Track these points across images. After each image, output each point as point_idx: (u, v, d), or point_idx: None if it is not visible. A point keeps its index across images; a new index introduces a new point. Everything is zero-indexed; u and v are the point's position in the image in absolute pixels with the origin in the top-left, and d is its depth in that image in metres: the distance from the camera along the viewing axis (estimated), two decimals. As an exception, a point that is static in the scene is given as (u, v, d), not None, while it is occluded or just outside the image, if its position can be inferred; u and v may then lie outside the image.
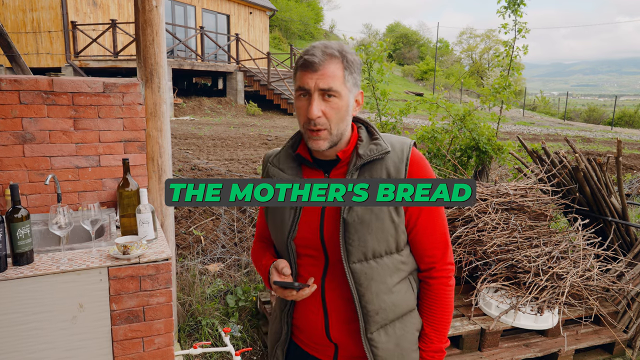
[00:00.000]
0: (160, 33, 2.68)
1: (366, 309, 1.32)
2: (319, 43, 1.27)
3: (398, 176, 1.30)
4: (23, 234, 1.84)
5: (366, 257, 1.30)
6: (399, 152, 1.32)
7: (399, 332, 1.37)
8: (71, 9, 13.89)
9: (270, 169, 1.42)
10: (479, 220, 3.22)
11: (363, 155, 1.31)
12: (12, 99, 2.41)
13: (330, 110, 1.24)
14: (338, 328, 1.38)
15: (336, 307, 1.37)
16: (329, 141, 1.28)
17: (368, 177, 1.30)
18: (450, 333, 2.82)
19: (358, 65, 1.30)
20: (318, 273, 1.37)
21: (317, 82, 1.22)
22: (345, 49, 1.27)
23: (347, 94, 1.26)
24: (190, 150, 8.93)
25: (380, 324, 1.34)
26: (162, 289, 2.03)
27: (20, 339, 1.84)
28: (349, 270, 1.30)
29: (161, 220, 2.88)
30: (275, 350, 1.53)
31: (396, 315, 1.36)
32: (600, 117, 31.62)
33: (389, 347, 1.35)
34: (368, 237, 1.28)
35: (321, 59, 1.22)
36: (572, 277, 3.03)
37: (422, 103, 4.13)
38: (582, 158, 3.51)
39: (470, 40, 55.36)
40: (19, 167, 2.48)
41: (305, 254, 1.38)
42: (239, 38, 18.15)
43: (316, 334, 1.41)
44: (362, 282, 1.31)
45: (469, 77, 44.71)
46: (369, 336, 1.33)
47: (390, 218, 1.29)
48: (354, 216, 1.28)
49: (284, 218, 1.37)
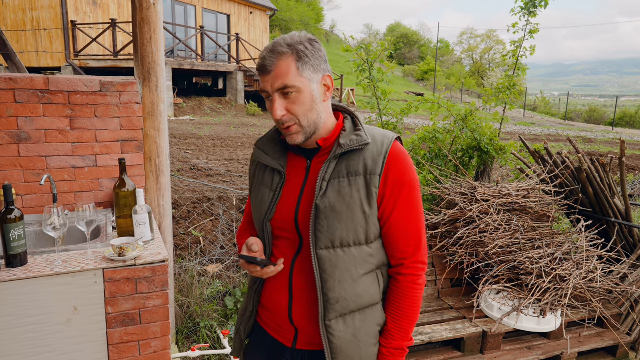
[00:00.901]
0: (158, 31, 2.64)
1: (327, 296, 1.32)
2: (270, 43, 1.29)
3: (375, 169, 1.30)
4: (16, 236, 1.80)
5: (333, 245, 1.31)
6: (379, 145, 1.33)
7: (358, 324, 1.36)
8: (71, 8, 13.87)
9: (255, 151, 1.48)
10: (480, 221, 3.18)
11: (343, 145, 1.32)
12: (7, 98, 2.37)
13: (293, 106, 1.27)
14: (300, 312, 1.39)
15: (301, 291, 1.38)
16: (302, 134, 1.31)
17: (345, 166, 1.32)
18: (452, 335, 2.78)
19: (315, 52, 1.29)
20: (290, 255, 1.39)
21: (272, 84, 1.26)
22: (296, 40, 1.28)
23: (306, 85, 1.27)
24: (190, 150, 8.89)
25: (340, 313, 1.34)
26: (159, 291, 1.99)
27: (15, 342, 1.80)
28: (315, 256, 1.32)
29: (159, 221, 2.84)
30: (239, 327, 1.57)
31: (357, 306, 1.36)
32: (601, 117, 31.61)
33: (345, 337, 1.35)
34: (337, 225, 1.30)
35: (270, 60, 1.25)
36: (575, 279, 2.99)
37: (424, 103, 4.09)
38: (585, 158, 3.47)
39: (470, 40, 55.39)
40: (14, 167, 2.45)
41: (281, 236, 1.40)
42: (239, 38, 18.12)
43: (279, 315, 1.43)
44: (326, 269, 1.31)
45: (470, 78, 44.69)
46: (327, 323, 1.34)
47: (362, 209, 1.30)
48: (326, 203, 1.29)
49: (263, 199, 1.42)
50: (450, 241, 3.28)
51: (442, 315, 3.04)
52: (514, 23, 4.29)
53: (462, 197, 3.40)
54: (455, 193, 3.47)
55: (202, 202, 5.12)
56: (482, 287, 3.06)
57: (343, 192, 1.30)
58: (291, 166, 1.42)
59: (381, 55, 3.90)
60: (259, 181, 1.46)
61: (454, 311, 3.10)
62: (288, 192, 1.39)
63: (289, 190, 1.39)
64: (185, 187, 5.81)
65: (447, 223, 3.38)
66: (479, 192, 3.35)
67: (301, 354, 1.43)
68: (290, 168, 1.41)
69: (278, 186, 1.40)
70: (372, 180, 1.30)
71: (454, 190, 3.49)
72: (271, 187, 1.41)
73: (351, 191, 1.30)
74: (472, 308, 3.09)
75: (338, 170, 1.32)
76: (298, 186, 1.38)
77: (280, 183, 1.40)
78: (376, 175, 1.30)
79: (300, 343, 1.42)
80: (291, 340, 1.43)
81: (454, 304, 3.18)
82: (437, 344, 2.90)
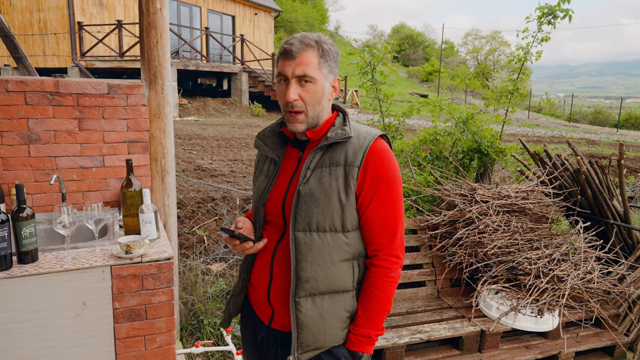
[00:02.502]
0: (164, 35, 2.71)
1: (299, 275, 1.41)
2: (298, 34, 1.39)
3: (354, 161, 1.39)
4: (28, 233, 1.87)
5: (310, 228, 1.40)
6: (361, 140, 1.42)
7: (326, 306, 1.44)
8: (77, 9, 13.99)
9: (257, 142, 1.60)
10: (480, 222, 3.23)
11: (329, 137, 1.42)
12: (18, 100, 2.45)
13: (306, 94, 1.37)
14: (276, 293, 1.48)
15: (279, 273, 1.48)
16: (305, 123, 1.41)
17: (329, 157, 1.42)
18: (450, 334, 2.83)
19: (334, 55, 1.42)
20: (275, 238, 1.50)
21: (294, 69, 1.35)
22: (322, 39, 1.39)
23: (322, 80, 1.38)
24: (195, 150, 8.96)
25: (309, 292, 1.42)
26: (164, 288, 2.06)
27: (25, 336, 1.87)
28: (292, 237, 1.41)
29: (164, 220, 2.90)
30: (230, 301, 1.69)
31: (327, 289, 1.44)
32: (606, 119, 31.48)
33: (312, 316, 1.42)
34: (314, 210, 1.39)
35: (298, 48, 1.35)
36: (573, 280, 3.04)
37: (426, 105, 4.14)
38: (584, 160, 3.51)
39: (475, 41, 55.25)
40: (24, 167, 2.52)
41: (271, 220, 1.52)
42: (244, 39, 18.21)
43: (261, 294, 1.54)
44: (301, 250, 1.40)
45: (474, 79, 44.58)
46: (296, 299, 1.42)
47: (338, 197, 1.39)
48: (307, 189, 1.40)
49: (260, 185, 1.54)
50: (449, 242, 3.33)
51: (441, 314, 3.09)
52: (525, 29, 4.22)
53: (461, 199, 3.45)
54: (455, 194, 3.52)
55: (206, 202, 5.19)
56: (480, 287, 3.11)
57: (323, 180, 1.39)
58: (287, 157, 1.52)
59: (384, 57, 3.95)
60: (260, 169, 1.58)
61: (452, 310, 3.15)
62: (280, 180, 1.51)
63: (282, 178, 1.51)
64: (190, 187, 5.88)
65: (446, 224, 3.43)
66: (478, 194, 3.40)
67: (275, 333, 1.52)
68: (286, 158, 1.52)
69: (272, 174, 1.51)
70: (351, 172, 1.39)
71: (454, 191, 3.54)
72: (267, 175, 1.53)
73: (330, 180, 1.39)
74: (471, 307, 3.13)
75: (322, 161, 1.42)
76: (289, 175, 1.49)
77: (275, 171, 1.51)
78: (355, 167, 1.39)
79: (275, 323, 1.52)
80: (268, 318, 1.53)
81: (453, 304, 3.23)
82: (435, 342, 2.94)
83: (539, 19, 4.14)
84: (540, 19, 4.13)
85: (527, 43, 4.24)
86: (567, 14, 4.05)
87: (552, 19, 4.08)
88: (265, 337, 1.55)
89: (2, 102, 2.42)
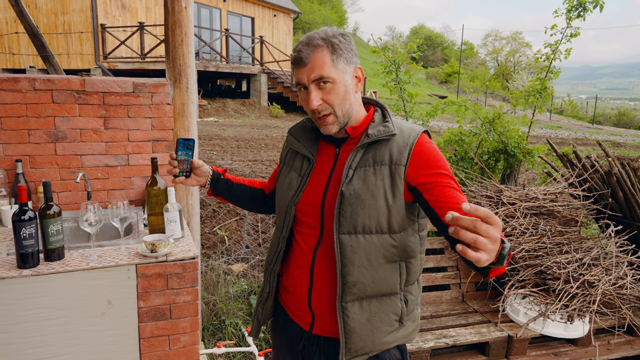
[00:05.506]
0: (189, 34, 2.70)
1: (345, 279, 1.35)
2: (304, 37, 1.34)
3: (400, 159, 1.33)
4: (55, 231, 1.87)
5: (355, 231, 1.34)
6: (405, 137, 1.36)
7: (373, 309, 1.39)
8: (101, 12, 14.22)
9: (288, 137, 1.56)
10: (507, 224, 3.15)
11: (371, 135, 1.36)
12: (45, 98, 2.46)
13: (329, 96, 1.32)
14: (319, 298, 1.42)
15: (321, 278, 1.41)
16: (337, 124, 1.36)
17: (372, 156, 1.35)
18: (477, 339, 2.76)
19: (347, 45, 1.35)
20: (313, 242, 1.43)
21: (308, 75, 1.31)
22: (329, 34, 1.33)
23: (340, 76, 1.33)
24: (215, 151, 9.01)
25: (356, 296, 1.36)
26: (189, 287, 2.04)
27: (51, 334, 1.87)
28: (337, 240, 1.34)
29: (187, 219, 2.90)
30: (257, 308, 1.63)
31: (374, 292, 1.38)
32: (631, 121, 30.80)
33: (360, 320, 1.37)
34: (360, 211, 1.33)
35: (307, 53, 1.31)
36: (604, 285, 2.94)
37: (450, 105, 4.07)
38: (616, 162, 3.41)
39: (495, 42, 54.59)
40: (50, 165, 2.53)
41: (304, 221, 1.44)
42: (263, 40, 18.28)
43: (299, 300, 1.47)
44: (346, 254, 1.34)
45: (494, 80, 44.06)
46: (343, 304, 1.36)
47: (385, 197, 1.33)
48: (351, 190, 1.33)
49: (291, 183, 1.47)
50: (475, 244, 3.26)
51: (466, 318, 3.02)
52: (553, 25, 4.07)
53: (487, 200, 3.37)
54: (480, 196, 3.44)
55: (227, 202, 5.19)
56: (507, 291, 3.03)
57: (368, 181, 1.33)
58: (320, 154, 1.46)
59: (407, 57, 3.90)
60: (289, 165, 1.52)
61: (478, 315, 3.08)
62: (316, 178, 1.44)
63: (317, 176, 1.44)
64: (210, 187, 5.88)
65: (472, 226, 3.36)
66: (505, 195, 3.32)
67: (317, 339, 1.47)
68: (320, 155, 1.46)
69: (306, 172, 1.45)
70: (397, 171, 1.32)
71: (480, 193, 3.47)
72: (300, 173, 1.47)
73: (376, 180, 1.33)
74: (497, 312, 3.06)
75: (365, 159, 1.36)
76: (326, 173, 1.43)
77: (309, 169, 1.45)
78: (401, 166, 1.32)
79: (316, 328, 1.46)
80: (308, 324, 1.47)
81: (478, 308, 3.16)
82: (461, 347, 2.88)
83: (568, 12, 4.00)
84: (569, 12, 3.98)
85: (555, 40, 4.12)
86: (598, 4, 3.89)
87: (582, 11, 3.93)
88: (306, 345, 1.49)
89: (30, 100, 2.44)
